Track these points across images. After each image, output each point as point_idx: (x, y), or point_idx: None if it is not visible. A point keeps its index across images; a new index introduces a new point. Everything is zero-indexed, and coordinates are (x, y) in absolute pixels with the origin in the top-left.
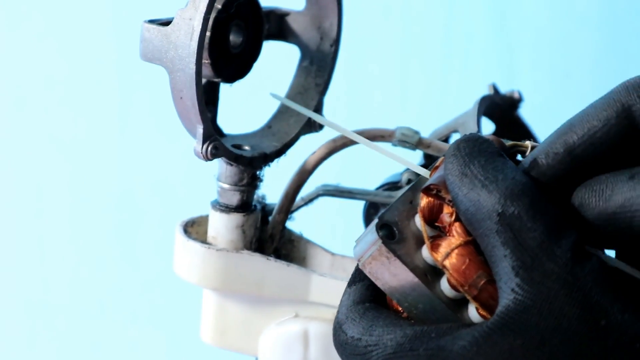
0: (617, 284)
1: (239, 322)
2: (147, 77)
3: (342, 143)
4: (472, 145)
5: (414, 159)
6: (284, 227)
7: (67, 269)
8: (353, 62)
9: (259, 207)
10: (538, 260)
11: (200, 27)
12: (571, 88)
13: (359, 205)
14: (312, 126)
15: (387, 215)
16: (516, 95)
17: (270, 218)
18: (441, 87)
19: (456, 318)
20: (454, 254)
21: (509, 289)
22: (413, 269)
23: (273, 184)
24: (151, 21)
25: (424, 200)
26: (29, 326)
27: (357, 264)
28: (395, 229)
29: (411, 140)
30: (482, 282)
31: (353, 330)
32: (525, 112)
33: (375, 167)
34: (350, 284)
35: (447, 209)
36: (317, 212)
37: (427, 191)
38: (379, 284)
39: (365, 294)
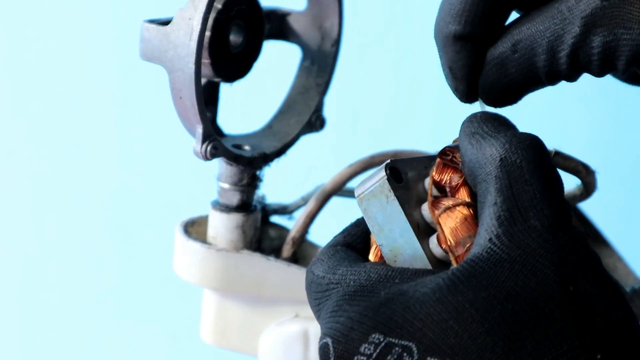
0: (593, 259)
1: (239, 322)
2: (146, 77)
3: (379, 161)
4: (489, 115)
5: None
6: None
7: (66, 269)
8: (353, 62)
9: (259, 207)
10: (525, 215)
11: (199, 26)
12: (571, 88)
13: (354, 203)
14: (312, 126)
15: (399, 163)
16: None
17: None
18: (441, 86)
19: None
20: (452, 211)
21: (486, 238)
22: (407, 215)
23: (273, 184)
24: (151, 21)
25: (437, 162)
26: (28, 326)
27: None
28: (403, 176)
29: None
30: (470, 243)
31: (319, 269)
32: (525, 112)
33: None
34: (335, 235)
35: (457, 174)
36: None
37: (443, 155)
38: (370, 223)
39: (341, 239)
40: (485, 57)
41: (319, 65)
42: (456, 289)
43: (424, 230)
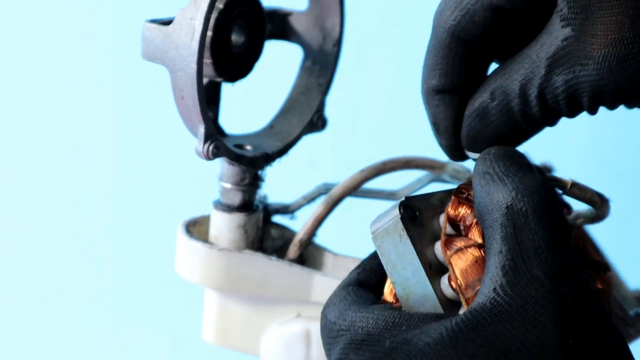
0: (596, 308)
1: (241, 321)
2: (148, 77)
3: (391, 167)
4: (503, 151)
5: None
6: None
7: (66, 269)
8: (355, 62)
9: (260, 206)
10: (529, 264)
11: (201, 26)
12: None
13: (359, 204)
14: (314, 126)
15: (415, 200)
16: (547, 166)
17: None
18: None
19: (445, 317)
20: (463, 252)
21: (491, 288)
22: (420, 254)
23: (275, 184)
24: (152, 20)
25: (453, 200)
26: (28, 326)
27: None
28: (417, 214)
29: (461, 177)
30: (479, 286)
31: (331, 314)
32: None
33: None
34: (352, 270)
35: (472, 213)
36: None
37: (458, 193)
38: (383, 261)
39: (356, 277)
40: (466, 110)
41: (321, 65)
42: (457, 342)
43: (436, 269)
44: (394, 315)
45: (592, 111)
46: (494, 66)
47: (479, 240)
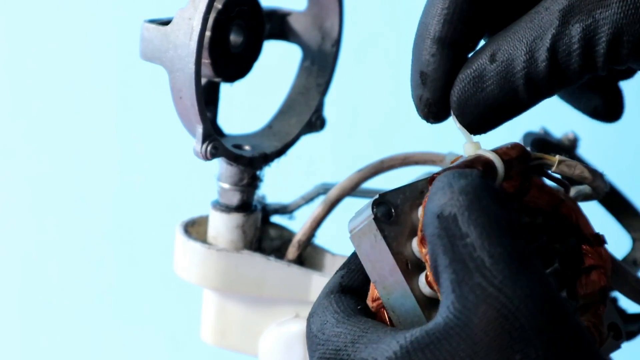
0: (552, 309)
1: (239, 322)
2: (147, 77)
3: (389, 165)
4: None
5: None
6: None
7: (67, 269)
8: (353, 62)
9: (259, 207)
10: (468, 273)
11: (199, 26)
12: None
13: (359, 204)
14: (313, 126)
15: (389, 195)
16: (571, 137)
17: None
18: None
19: (423, 316)
20: None
21: (445, 305)
22: (396, 254)
23: (273, 184)
24: (151, 21)
25: (429, 191)
26: (28, 326)
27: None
28: (393, 210)
29: None
30: None
31: (314, 325)
32: (526, 113)
33: None
34: (336, 271)
35: None
36: None
37: (432, 181)
38: (363, 260)
39: (339, 282)
40: (460, 70)
41: (319, 65)
42: None
43: (414, 266)
44: (361, 327)
45: (606, 64)
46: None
47: None
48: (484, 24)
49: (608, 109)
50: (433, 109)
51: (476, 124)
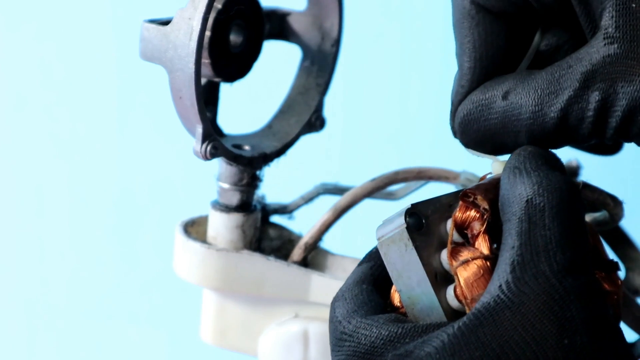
0: (599, 308)
1: (239, 322)
2: (147, 77)
3: (403, 177)
4: (538, 150)
5: None
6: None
7: (66, 269)
8: (353, 62)
9: (258, 207)
10: (537, 260)
11: (199, 26)
12: None
13: (358, 204)
14: (312, 126)
15: (422, 206)
16: (574, 164)
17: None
18: (441, 86)
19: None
20: (469, 265)
21: (497, 285)
22: (425, 265)
23: (273, 184)
24: (151, 21)
25: (460, 205)
26: (28, 326)
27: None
28: (424, 221)
29: None
30: None
31: (340, 311)
32: None
33: (374, 165)
34: (360, 263)
35: (479, 221)
36: (317, 211)
37: (465, 196)
38: (389, 268)
39: (368, 274)
40: (471, 94)
41: (319, 65)
42: (455, 349)
43: (442, 279)
44: (398, 325)
45: (614, 136)
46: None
47: (485, 252)
48: (511, 62)
49: (608, 145)
50: (472, 76)
51: (472, 146)
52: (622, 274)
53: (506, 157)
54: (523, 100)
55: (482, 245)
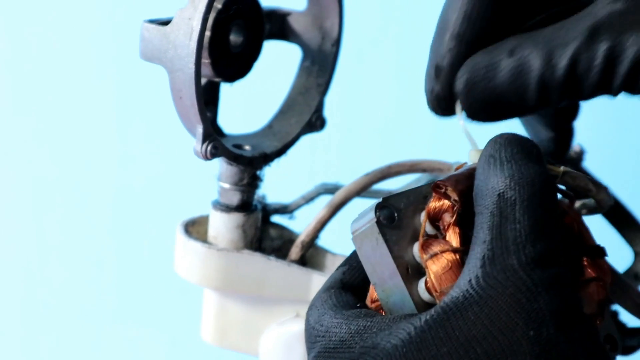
0: (568, 300)
1: (240, 321)
2: (147, 77)
3: (396, 170)
4: (515, 138)
5: None
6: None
7: (66, 269)
8: (353, 62)
9: (259, 206)
10: (507, 254)
11: (199, 26)
12: None
13: (358, 203)
14: (313, 126)
15: (393, 199)
16: (577, 149)
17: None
18: None
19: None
20: (439, 257)
21: (467, 279)
22: (396, 258)
23: (273, 184)
24: (151, 21)
25: (433, 196)
26: (28, 326)
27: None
28: (396, 214)
29: None
30: None
31: (312, 317)
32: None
33: (374, 165)
34: (337, 267)
35: (449, 213)
36: (318, 210)
37: (437, 187)
38: (364, 262)
39: (338, 279)
40: (473, 57)
41: (320, 65)
42: (421, 343)
43: (414, 271)
44: (367, 319)
45: (621, 87)
46: None
47: (454, 244)
48: (504, 26)
49: (555, 146)
50: (442, 103)
51: (476, 110)
52: (629, 263)
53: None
54: (532, 54)
55: (452, 238)
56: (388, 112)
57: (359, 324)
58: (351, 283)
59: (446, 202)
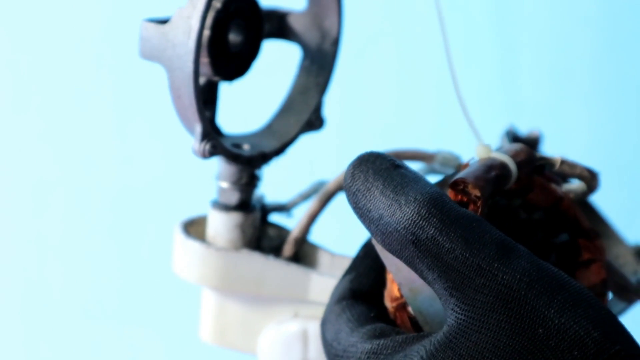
0: (549, 281)
1: (239, 321)
2: (146, 76)
3: None
4: (380, 163)
5: None
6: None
7: (66, 269)
8: (353, 62)
9: (258, 206)
10: (467, 278)
11: (198, 25)
12: (571, 88)
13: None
14: (312, 126)
15: None
16: (535, 134)
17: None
18: (441, 85)
19: (427, 336)
20: None
21: (449, 308)
22: None
23: (272, 183)
24: (150, 20)
25: (449, 193)
26: (27, 326)
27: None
28: None
29: (452, 164)
30: None
31: (329, 333)
32: (526, 112)
33: None
34: (344, 274)
35: (472, 207)
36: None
37: (454, 186)
38: (387, 263)
39: (347, 288)
40: None
41: (319, 64)
42: None
43: None
44: (381, 339)
45: None
46: None
47: None
48: None
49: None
50: None
51: None
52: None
53: (489, 141)
54: None
55: None
56: (387, 111)
57: (372, 345)
58: (361, 290)
59: (465, 200)
